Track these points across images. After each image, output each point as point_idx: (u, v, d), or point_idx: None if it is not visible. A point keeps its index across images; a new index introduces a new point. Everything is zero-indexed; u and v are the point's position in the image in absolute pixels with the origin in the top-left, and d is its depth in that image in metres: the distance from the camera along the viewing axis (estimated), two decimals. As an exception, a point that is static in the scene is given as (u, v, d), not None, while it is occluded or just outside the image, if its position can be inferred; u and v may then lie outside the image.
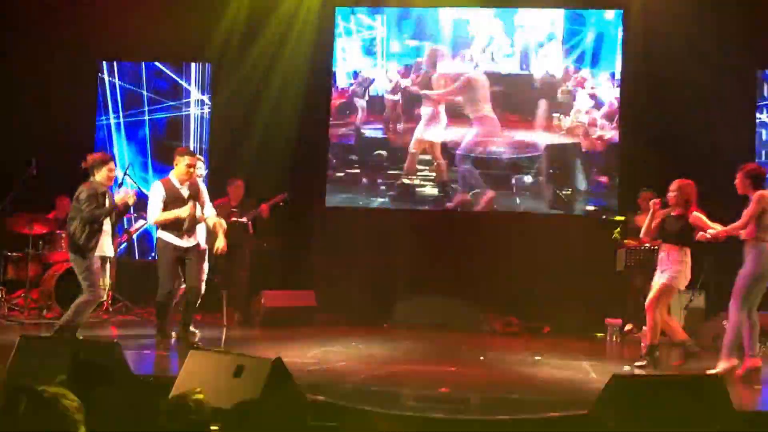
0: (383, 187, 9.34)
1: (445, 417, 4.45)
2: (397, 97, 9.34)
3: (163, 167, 8.75)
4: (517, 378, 5.86)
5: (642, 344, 7.66)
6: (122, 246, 8.69)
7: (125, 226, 8.92)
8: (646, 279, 7.73)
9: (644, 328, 7.92)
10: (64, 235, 7.96)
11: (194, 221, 6.46)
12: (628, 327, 7.99)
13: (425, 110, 9.28)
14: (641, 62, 9.02)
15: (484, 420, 4.44)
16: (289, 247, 7.65)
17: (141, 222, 8.82)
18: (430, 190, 9.28)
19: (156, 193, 6.45)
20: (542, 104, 9.16)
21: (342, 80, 9.47)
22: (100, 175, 6.29)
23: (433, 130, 9.28)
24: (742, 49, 8.56)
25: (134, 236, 8.95)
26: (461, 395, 5.05)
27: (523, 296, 8.69)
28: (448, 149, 9.25)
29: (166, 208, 6.41)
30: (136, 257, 9.45)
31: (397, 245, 8.73)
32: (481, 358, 6.75)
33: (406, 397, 4.95)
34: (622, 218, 8.42)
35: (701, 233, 6.07)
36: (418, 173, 9.28)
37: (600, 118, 9.12)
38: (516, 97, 9.23)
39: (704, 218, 6.08)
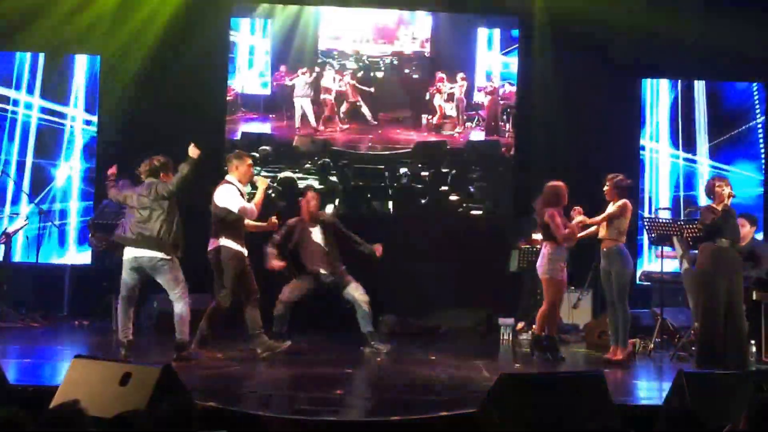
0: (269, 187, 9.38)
1: (337, 419, 4.47)
2: (284, 94, 9.41)
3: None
4: (411, 378, 5.92)
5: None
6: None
7: (4, 227, 8.50)
8: (538, 279, 8.00)
9: (534, 326, 8.20)
10: None
11: None
12: (519, 326, 8.21)
13: (309, 108, 9.40)
14: (533, 66, 9.33)
15: (375, 421, 4.48)
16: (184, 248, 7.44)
17: (21, 222, 8.46)
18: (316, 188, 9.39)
19: (233, 190, 6.38)
20: (415, 104, 9.49)
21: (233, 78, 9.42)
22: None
23: (319, 127, 9.46)
24: (629, 58, 9.07)
25: (13, 237, 8.46)
26: (355, 397, 5.07)
27: (420, 297, 8.80)
28: (328, 146, 9.41)
29: None
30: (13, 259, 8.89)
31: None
32: (378, 359, 6.80)
33: (299, 400, 4.93)
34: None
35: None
36: (301, 170, 9.36)
37: (467, 115, 9.46)
38: (390, 98, 9.50)
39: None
